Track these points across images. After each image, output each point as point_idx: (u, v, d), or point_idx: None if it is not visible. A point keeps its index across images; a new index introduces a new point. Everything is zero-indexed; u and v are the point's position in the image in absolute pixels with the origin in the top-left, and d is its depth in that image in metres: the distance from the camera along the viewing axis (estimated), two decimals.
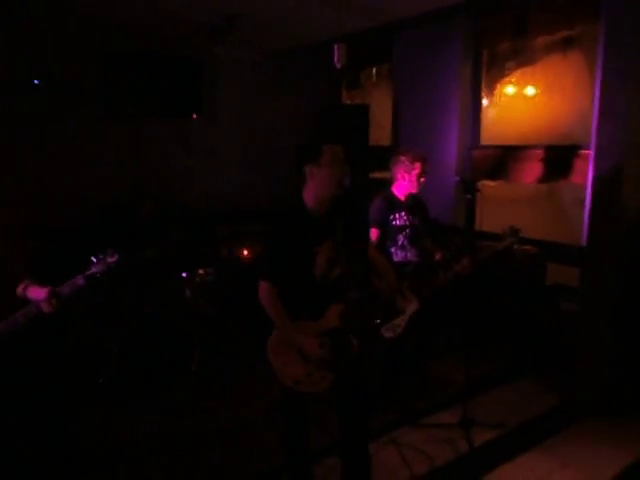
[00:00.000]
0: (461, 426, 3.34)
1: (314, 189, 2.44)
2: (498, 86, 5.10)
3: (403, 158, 3.58)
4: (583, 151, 4.07)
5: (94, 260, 2.38)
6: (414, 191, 3.63)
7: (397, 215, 3.57)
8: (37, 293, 2.35)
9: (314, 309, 2.44)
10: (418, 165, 3.56)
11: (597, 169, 3.59)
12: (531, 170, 4.59)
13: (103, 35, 5.06)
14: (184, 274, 4.18)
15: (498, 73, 5.09)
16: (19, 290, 2.40)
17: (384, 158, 4.04)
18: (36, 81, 4.86)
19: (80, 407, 3.57)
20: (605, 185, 3.52)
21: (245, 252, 4.90)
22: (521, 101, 4.93)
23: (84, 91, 5.06)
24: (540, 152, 4.53)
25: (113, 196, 4.93)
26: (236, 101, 6.02)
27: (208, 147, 5.88)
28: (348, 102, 6.73)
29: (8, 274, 2.42)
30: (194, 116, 5.74)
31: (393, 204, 3.59)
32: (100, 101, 5.18)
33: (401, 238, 3.59)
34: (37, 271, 2.49)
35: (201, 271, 4.24)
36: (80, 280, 2.36)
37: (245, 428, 3.44)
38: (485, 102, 5.19)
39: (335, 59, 3.92)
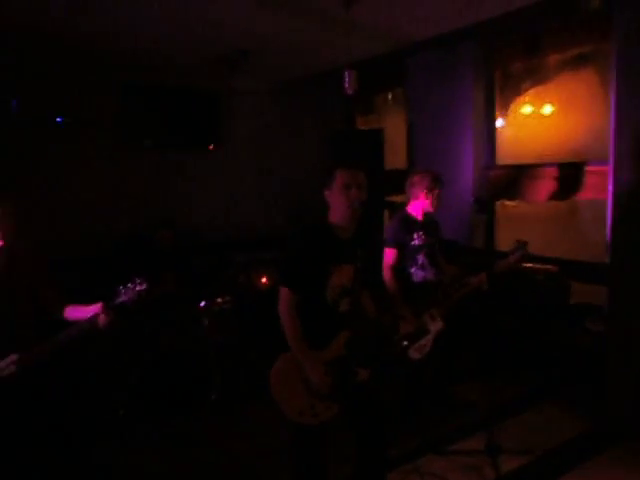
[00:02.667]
0: (487, 453, 3.24)
1: (333, 212, 2.46)
2: (512, 105, 5.10)
3: (426, 177, 3.58)
4: (598, 167, 4.02)
5: (121, 289, 2.38)
6: (432, 210, 3.61)
7: (415, 235, 3.54)
8: (86, 310, 2.42)
9: (320, 337, 2.40)
10: (439, 185, 3.57)
11: (616, 184, 3.53)
12: (545, 188, 4.54)
13: (120, 68, 5.23)
14: (202, 303, 4.19)
15: (512, 93, 5.09)
16: (67, 313, 2.48)
17: (399, 181, 4.04)
18: (59, 119, 5.02)
19: (99, 439, 3.57)
20: (625, 200, 3.45)
21: (263, 280, 4.90)
22: (535, 120, 4.91)
23: (102, 124, 5.22)
24: (554, 170, 4.48)
25: (131, 227, 5.01)
26: (252, 131, 6.13)
27: (224, 176, 5.97)
28: (363, 127, 6.79)
29: (42, 306, 2.49)
30: (211, 147, 5.84)
31: (410, 224, 3.57)
32: (118, 133, 5.32)
33: (421, 258, 3.56)
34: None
35: (219, 299, 4.24)
36: (107, 314, 2.38)
37: (263, 459, 3.38)
38: (500, 122, 5.18)
39: (346, 85, 3.95)
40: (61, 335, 2.38)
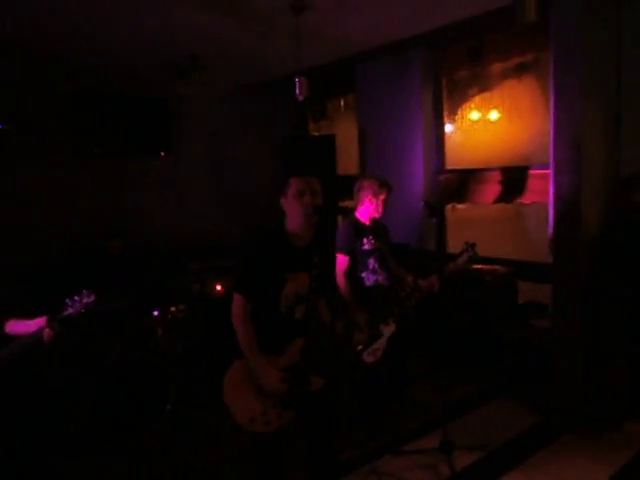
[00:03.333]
0: (442, 451, 3.31)
1: (290, 220, 2.43)
2: (459, 111, 5.27)
3: (371, 182, 3.62)
4: (538, 171, 4.22)
5: (68, 302, 2.32)
6: (378, 216, 3.67)
7: (365, 240, 3.57)
8: (29, 324, 2.35)
9: (275, 344, 2.39)
10: (385, 190, 3.61)
11: (557, 187, 3.69)
12: (491, 191, 4.72)
13: (67, 76, 5.08)
14: (155, 312, 4.11)
15: (459, 99, 5.26)
16: (8, 328, 2.39)
17: (352, 187, 4.10)
18: (0, 125, 4.83)
19: (50, 456, 3.44)
20: (565, 202, 3.62)
21: (218, 287, 4.85)
22: (482, 125, 5.09)
23: (50, 132, 5.05)
24: (497, 174, 4.67)
25: (81, 237, 4.88)
26: (203, 137, 6.07)
27: (177, 183, 5.90)
28: (315, 133, 6.84)
29: None
30: (162, 154, 5.75)
31: (360, 229, 3.61)
32: (66, 142, 5.17)
33: (372, 262, 3.60)
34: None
35: (173, 309, 4.18)
36: (53, 325, 2.32)
37: (218, 468, 3.35)
38: (448, 127, 5.34)
39: (297, 92, 3.99)
40: (2, 352, 2.30)
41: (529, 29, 4.28)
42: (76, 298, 2.33)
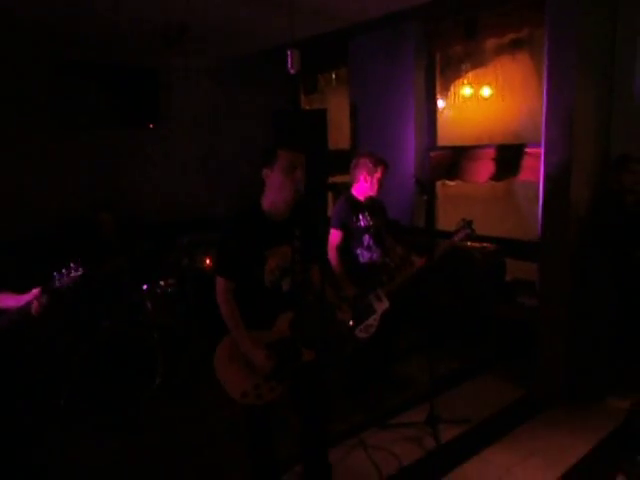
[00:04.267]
0: (428, 424, 3.38)
1: (270, 193, 2.41)
2: (452, 88, 5.22)
3: (366, 160, 3.60)
4: (533, 149, 4.20)
5: (56, 275, 2.31)
6: (373, 194, 3.66)
7: (361, 216, 3.57)
8: (18, 299, 2.35)
9: (264, 318, 2.41)
10: (380, 168, 3.60)
11: (547, 165, 3.69)
12: (484, 169, 4.71)
13: (54, 46, 4.96)
14: (145, 286, 4.10)
15: (452, 75, 5.21)
16: None
17: (343, 162, 4.07)
18: None
19: (40, 426, 3.46)
20: (555, 181, 3.63)
21: (207, 261, 4.84)
22: (474, 102, 5.06)
23: (36, 103, 4.94)
24: (492, 151, 4.65)
25: (69, 209, 4.82)
26: (193, 109, 5.98)
27: (165, 156, 5.82)
28: (307, 107, 6.76)
29: None
30: (150, 125, 5.66)
31: (355, 205, 3.61)
32: (53, 112, 5.06)
33: (367, 239, 3.61)
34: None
35: (162, 282, 4.17)
36: (42, 298, 2.32)
37: (209, 440, 3.39)
38: (440, 103, 5.30)
39: (289, 65, 3.92)
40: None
41: (524, 4, 4.24)
42: (64, 271, 2.31)
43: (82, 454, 3.28)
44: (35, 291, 2.32)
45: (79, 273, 2.33)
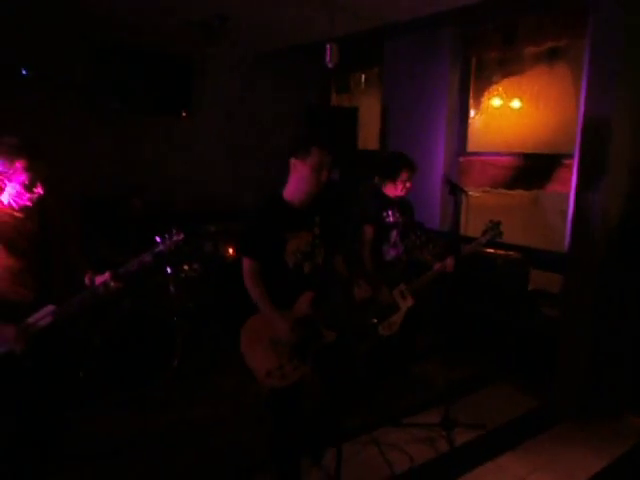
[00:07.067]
0: (442, 426, 3.37)
1: (295, 183, 2.54)
2: (486, 94, 5.19)
3: (394, 163, 3.63)
4: (566, 160, 4.16)
5: (158, 240, 2.41)
6: (401, 195, 3.67)
7: (390, 212, 3.57)
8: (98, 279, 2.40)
9: (287, 298, 2.50)
10: (409, 172, 3.61)
11: (580, 177, 3.67)
12: (515, 178, 4.68)
13: (92, 29, 5.02)
14: (168, 269, 4.14)
15: (486, 81, 5.18)
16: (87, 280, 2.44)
17: (372, 162, 4.07)
18: (24, 71, 4.81)
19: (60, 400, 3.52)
20: (587, 193, 3.60)
21: (230, 250, 4.87)
22: (507, 109, 5.02)
23: (71, 85, 5.01)
24: (524, 160, 4.61)
25: (100, 193, 4.88)
26: (226, 100, 6.01)
27: (196, 145, 5.86)
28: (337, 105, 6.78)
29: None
30: (183, 114, 5.72)
31: (385, 201, 3.62)
32: (87, 96, 5.13)
33: (394, 235, 3.61)
34: None
35: (186, 267, 4.21)
36: (147, 257, 2.39)
37: (226, 423, 3.43)
38: (473, 109, 5.27)
39: (327, 59, 3.94)
40: (87, 294, 2.38)
41: (565, 13, 4.21)
42: (166, 236, 2.42)
43: (97, 429, 3.33)
44: (106, 275, 2.37)
45: (180, 238, 2.40)
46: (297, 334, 2.43)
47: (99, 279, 2.39)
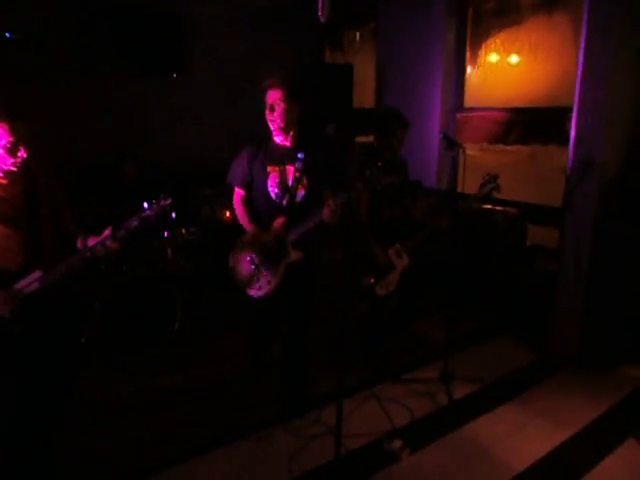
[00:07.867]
0: (441, 380, 3.42)
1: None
2: (483, 47, 5.06)
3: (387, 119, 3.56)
4: (565, 114, 4.09)
5: (146, 205, 2.35)
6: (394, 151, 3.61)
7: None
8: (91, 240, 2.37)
9: (267, 222, 2.85)
10: (402, 127, 3.56)
11: (578, 129, 3.60)
12: (513, 133, 4.61)
13: None
14: (165, 233, 4.13)
15: (483, 34, 5.05)
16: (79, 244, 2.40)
17: (367, 119, 4.00)
18: (8, 34, 4.67)
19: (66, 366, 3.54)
20: (586, 144, 3.54)
21: (227, 214, 4.84)
22: (505, 63, 4.91)
23: (59, 46, 4.88)
24: (522, 115, 4.53)
25: (90, 156, 4.81)
26: (217, 59, 5.87)
27: (189, 106, 5.75)
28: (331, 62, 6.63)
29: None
30: (174, 75, 5.59)
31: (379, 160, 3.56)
32: (75, 57, 5.01)
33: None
34: None
35: (183, 230, 4.19)
36: (135, 222, 2.32)
37: (228, 383, 3.47)
38: (469, 64, 5.15)
39: (319, 12, 3.81)
40: (75, 258, 2.32)
41: None
42: (154, 201, 2.35)
43: (98, 393, 3.35)
44: (106, 233, 2.32)
45: (167, 202, 2.35)
46: (265, 238, 2.81)
47: (92, 240, 2.36)
